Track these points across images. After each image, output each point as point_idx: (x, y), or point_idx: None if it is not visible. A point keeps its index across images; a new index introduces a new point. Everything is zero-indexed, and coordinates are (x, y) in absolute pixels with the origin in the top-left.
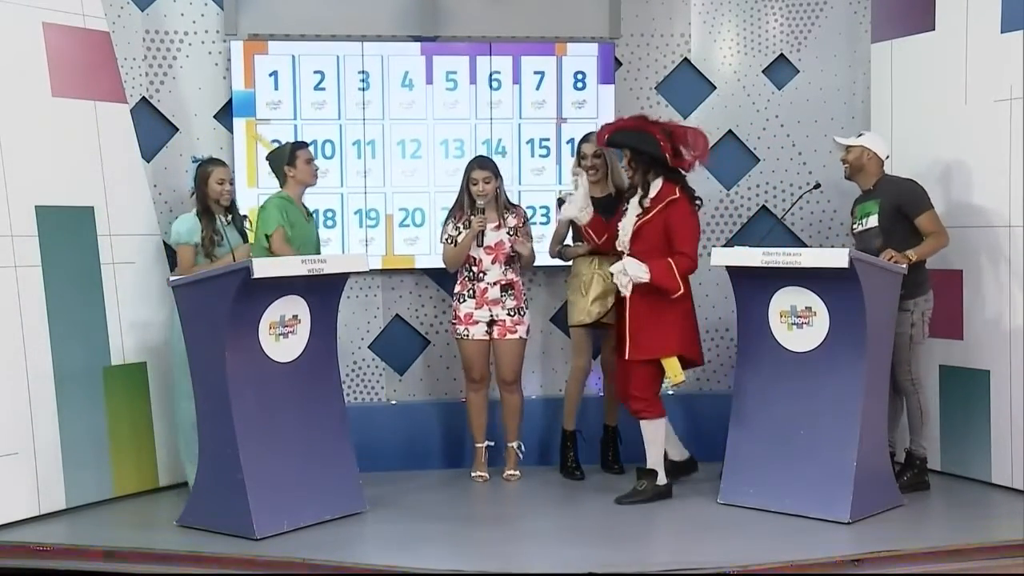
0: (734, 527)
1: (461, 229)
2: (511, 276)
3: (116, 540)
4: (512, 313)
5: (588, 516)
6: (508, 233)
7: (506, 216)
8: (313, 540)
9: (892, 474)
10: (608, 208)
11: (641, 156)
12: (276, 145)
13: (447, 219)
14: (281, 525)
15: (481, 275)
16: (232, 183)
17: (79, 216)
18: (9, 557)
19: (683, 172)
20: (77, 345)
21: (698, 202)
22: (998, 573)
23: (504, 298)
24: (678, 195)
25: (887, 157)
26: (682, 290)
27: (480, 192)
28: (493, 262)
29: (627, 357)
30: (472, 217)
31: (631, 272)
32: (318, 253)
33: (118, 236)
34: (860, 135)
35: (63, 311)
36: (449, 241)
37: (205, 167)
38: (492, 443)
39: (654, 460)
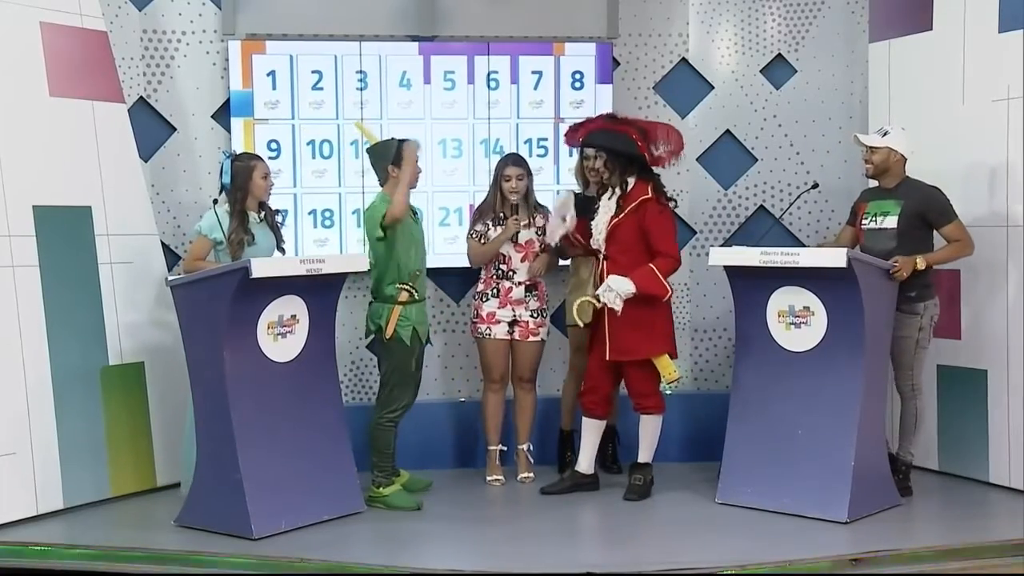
0: (732, 527)
1: (491, 227)
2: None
3: (114, 540)
4: (535, 315)
5: (587, 516)
6: (536, 233)
7: (535, 216)
8: (311, 540)
9: (890, 474)
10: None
11: (618, 157)
12: (381, 140)
13: (476, 217)
14: (279, 525)
15: (511, 273)
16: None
17: (77, 216)
18: (8, 557)
19: (657, 170)
20: (75, 345)
21: (671, 202)
22: (997, 573)
23: (528, 299)
24: (650, 194)
25: (912, 153)
26: (670, 293)
27: (513, 189)
28: (522, 260)
29: (608, 358)
30: (504, 215)
31: (617, 288)
32: (424, 252)
33: (116, 236)
34: (885, 134)
35: (61, 311)
36: (477, 237)
37: (247, 162)
38: (505, 448)
39: (650, 453)
